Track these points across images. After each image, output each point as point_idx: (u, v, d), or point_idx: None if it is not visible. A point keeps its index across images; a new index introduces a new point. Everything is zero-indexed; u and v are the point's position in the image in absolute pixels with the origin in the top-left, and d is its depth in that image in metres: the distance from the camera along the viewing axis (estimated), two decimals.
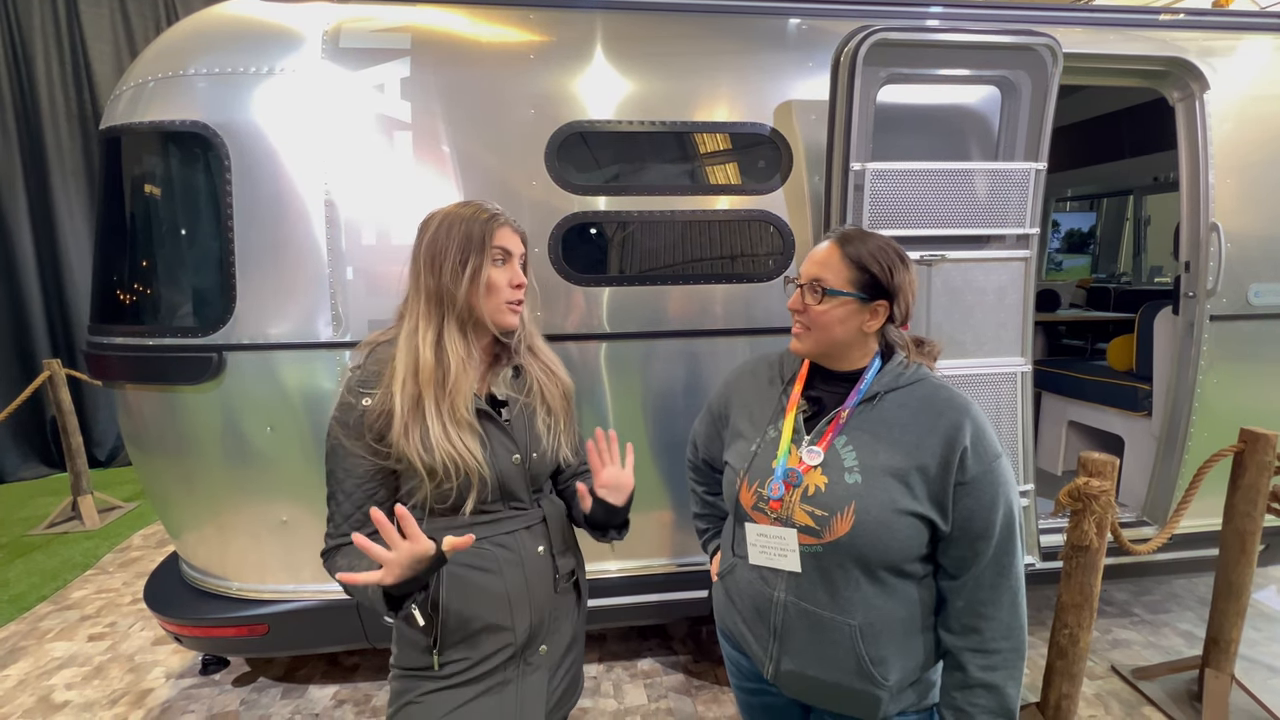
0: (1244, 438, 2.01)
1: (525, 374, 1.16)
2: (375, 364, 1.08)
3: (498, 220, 1.08)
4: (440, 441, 1.01)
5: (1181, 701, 2.23)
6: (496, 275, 1.07)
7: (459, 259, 1.05)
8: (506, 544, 1.11)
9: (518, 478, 1.12)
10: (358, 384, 1.06)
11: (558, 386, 1.19)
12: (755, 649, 1.14)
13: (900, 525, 0.98)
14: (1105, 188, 5.00)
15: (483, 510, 1.09)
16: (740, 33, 2.08)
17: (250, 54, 1.89)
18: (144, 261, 2.03)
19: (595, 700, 2.34)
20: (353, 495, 1.06)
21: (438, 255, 1.05)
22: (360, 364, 1.10)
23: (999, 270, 2.05)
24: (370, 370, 1.07)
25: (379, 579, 0.90)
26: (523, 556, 1.12)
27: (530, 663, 1.15)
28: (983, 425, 1.00)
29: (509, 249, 1.09)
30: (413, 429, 1.01)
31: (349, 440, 1.05)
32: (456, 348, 1.05)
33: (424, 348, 1.04)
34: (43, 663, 2.63)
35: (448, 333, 1.05)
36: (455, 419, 1.03)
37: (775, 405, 1.14)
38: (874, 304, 1.04)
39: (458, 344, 1.06)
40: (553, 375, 1.19)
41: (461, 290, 1.05)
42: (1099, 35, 2.22)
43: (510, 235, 1.10)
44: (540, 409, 1.16)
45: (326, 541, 1.08)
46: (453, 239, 1.05)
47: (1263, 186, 2.31)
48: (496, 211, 1.09)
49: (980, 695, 1.00)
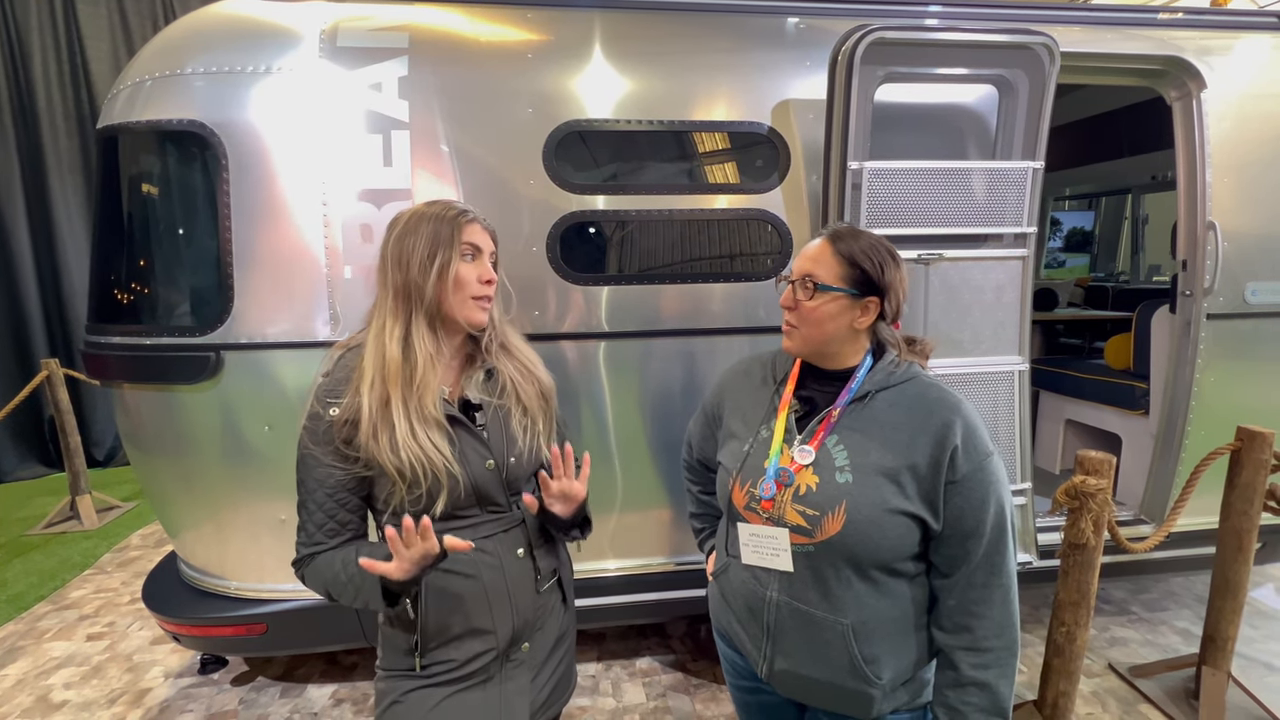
0: (1241, 436, 2.01)
1: (498, 375, 1.15)
2: (342, 370, 1.07)
3: (466, 216, 1.08)
4: (406, 440, 1.00)
5: (1178, 699, 2.24)
6: (465, 270, 1.06)
7: (427, 254, 1.04)
8: (484, 548, 1.09)
9: (493, 483, 1.10)
10: (325, 393, 1.06)
11: (534, 386, 1.17)
12: (749, 648, 1.14)
13: (891, 524, 0.98)
14: (1103, 187, 5.00)
15: (458, 515, 1.08)
16: (738, 32, 2.08)
17: (248, 53, 1.88)
18: (141, 261, 2.03)
19: (594, 699, 2.35)
20: (324, 505, 1.06)
21: (405, 252, 1.04)
22: (329, 371, 1.09)
23: (996, 269, 2.05)
24: (337, 378, 1.07)
25: (392, 570, 0.93)
26: (502, 560, 1.11)
27: (513, 660, 1.15)
28: (974, 424, 1.00)
29: (478, 245, 1.08)
30: (381, 431, 1.00)
31: (318, 450, 1.04)
32: (425, 344, 1.04)
33: (391, 344, 1.03)
34: (41, 662, 2.63)
35: (415, 329, 1.05)
36: (423, 417, 1.02)
37: (768, 405, 1.14)
38: (865, 300, 1.04)
39: (426, 340, 1.05)
40: (529, 374, 1.17)
41: (429, 285, 1.04)
42: (1096, 34, 2.22)
43: (480, 232, 1.09)
44: (515, 410, 1.14)
45: (298, 550, 1.08)
46: (421, 235, 1.04)
47: (1260, 185, 2.31)
48: (465, 209, 1.09)
49: (973, 693, 1.00)
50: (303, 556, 1.07)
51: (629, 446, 2.13)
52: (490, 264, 1.11)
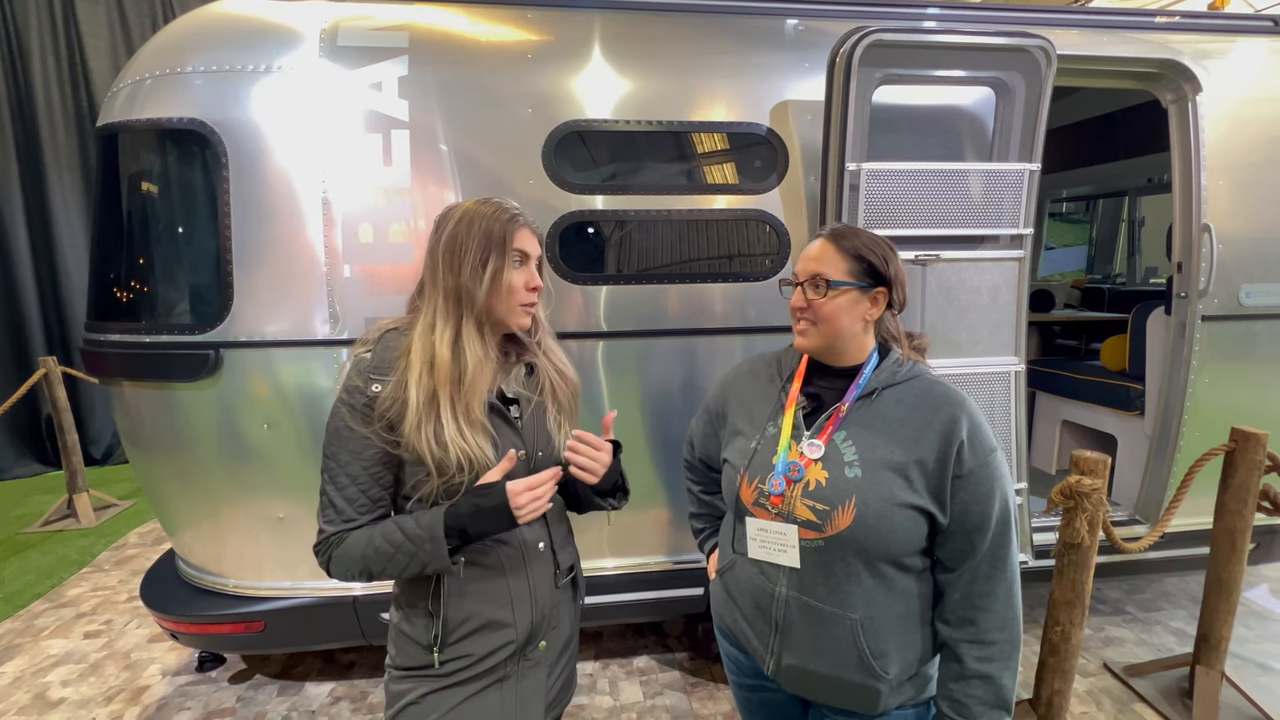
0: (1234, 437, 2.03)
1: (539, 372, 1.17)
2: (386, 350, 1.06)
3: (517, 221, 1.07)
4: (455, 439, 1.00)
5: (1173, 698, 2.25)
6: (515, 277, 1.06)
7: (479, 259, 1.03)
8: (508, 540, 1.10)
9: (521, 475, 1.10)
10: (370, 369, 1.04)
11: (569, 385, 1.20)
12: (755, 644, 1.15)
13: (900, 518, 0.99)
14: (1100, 189, 5.02)
15: None
16: (737, 33, 2.09)
17: (248, 52, 1.89)
18: (141, 259, 2.04)
19: (591, 697, 2.35)
20: (359, 478, 1.03)
21: (457, 253, 1.03)
22: (372, 348, 1.07)
23: (993, 270, 2.06)
24: (381, 356, 1.05)
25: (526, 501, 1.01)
26: (525, 553, 1.12)
27: (530, 659, 1.15)
28: (978, 420, 1.02)
29: (527, 251, 1.08)
30: (426, 424, 1.00)
31: (357, 424, 1.02)
32: (474, 347, 1.04)
33: (441, 345, 1.02)
34: (38, 660, 2.63)
35: (465, 332, 1.04)
36: (470, 419, 1.02)
37: (774, 402, 1.15)
38: (874, 291, 1.07)
39: (475, 344, 1.04)
40: (563, 374, 1.19)
41: (481, 291, 1.03)
42: (1093, 37, 2.23)
43: (529, 237, 1.09)
44: (552, 407, 1.17)
45: (324, 530, 1.04)
46: (473, 237, 1.03)
47: (1255, 188, 2.33)
48: (517, 212, 1.08)
49: (976, 686, 1.01)
50: (329, 536, 1.04)
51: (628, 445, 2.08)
52: (536, 269, 1.11)
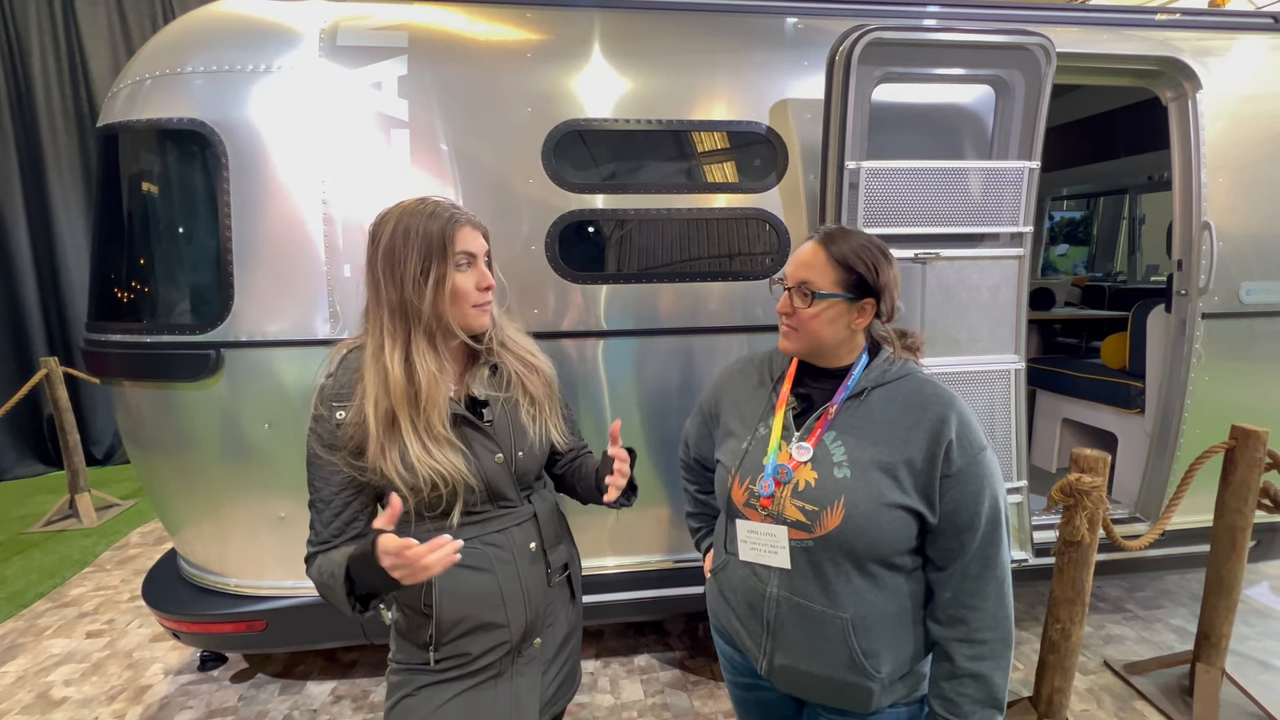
0: (1235, 435, 2.03)
1: (502, 369, 1.13)
2: (347, 373, 1.04)
3: (457, 221, 1.00)
4: (422, 458, 0.98)
5: (1173, 696, 2.25)
6: (462, 281, 1.01)
7: (420, 269, 0.97)
8: (498, 542, 1.10)
9: (503, 477, 1.10)
10: (331, 396, 1.03)
11: (538, 375, 1.16)
12: (749, 644, 1.15)
13: (889, 518, 0.99)
14: (1100, 187, 5.02)
15: (471, 511, 1.08)
16: (736, 31, 2.09)
17: (247, 52, 1.89)
18: (141, 259, 2.04)
19: (592, 695, 2.36)
20: (331, 503, 1.05)
21: (396, 265, 0.98)
22: (332, 373, 1.05)
23: (993, 268, 2.06)
24: (342, 380, 1.04)
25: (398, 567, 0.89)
26: (515, 554, 1.12)
27: (525, 656, 1.16)
28: (967, 419, 1.02)
29: (472, 250, 1.02)
30: (389, 449, 0.98)
31: (324, 451, 1.03)
32: (427, 362, 0.99)
33: (393, 366, 0.98)
34: (41, 659, 2.64)
35: (415, 347, 0.99)
36: (433, 436, 0.99)
37: (765, 404, 1.15)
38: (861, 302, 1.05)
39: (428, 358, 1.00)
40: (531, 364, 1.16)
41: (426, 302, 0.98)
42: (1093, 35, 2.23)
43: (471, 235, 1.03)
44: (523, 401, 1.14)
45: (308, 548, 1.08)
46: (410, 245, 0.97)
47: (1255, 186, 2.32)
48: (454, 210, 1.02)
49: (968, 685, 1.02)
50: (307, 555, 1.07)
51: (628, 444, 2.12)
52: (486, 266, 1.06)
